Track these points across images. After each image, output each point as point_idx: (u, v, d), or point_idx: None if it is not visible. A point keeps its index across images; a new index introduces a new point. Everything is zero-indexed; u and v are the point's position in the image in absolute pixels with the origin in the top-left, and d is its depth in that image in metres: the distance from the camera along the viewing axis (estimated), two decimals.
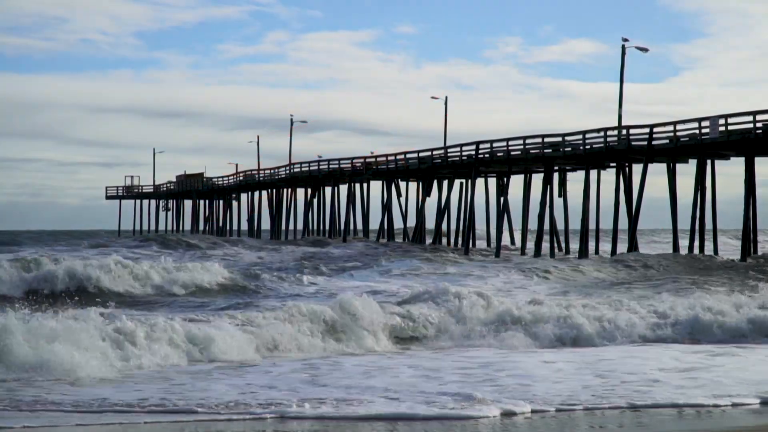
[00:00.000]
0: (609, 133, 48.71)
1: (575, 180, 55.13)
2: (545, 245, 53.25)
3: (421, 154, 62.80)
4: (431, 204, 63.96)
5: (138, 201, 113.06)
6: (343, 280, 35.78)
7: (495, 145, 55.90)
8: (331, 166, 73.52)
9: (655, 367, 16.22)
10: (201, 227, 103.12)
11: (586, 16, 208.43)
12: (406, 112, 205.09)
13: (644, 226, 57.91)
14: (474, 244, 59.60)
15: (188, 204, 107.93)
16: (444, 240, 63.84)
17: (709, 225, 46.08)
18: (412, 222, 67.06)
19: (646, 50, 52.57)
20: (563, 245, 55.70)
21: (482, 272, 39.40)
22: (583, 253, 49.47)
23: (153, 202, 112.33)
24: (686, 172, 47.96)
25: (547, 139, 51.99)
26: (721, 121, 42.90)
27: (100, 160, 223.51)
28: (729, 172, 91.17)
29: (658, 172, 48.12)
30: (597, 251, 51.27)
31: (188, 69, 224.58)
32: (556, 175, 53.59)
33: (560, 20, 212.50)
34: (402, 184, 68.46)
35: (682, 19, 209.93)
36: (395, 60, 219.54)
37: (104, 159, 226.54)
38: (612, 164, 50.12)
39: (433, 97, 71.04)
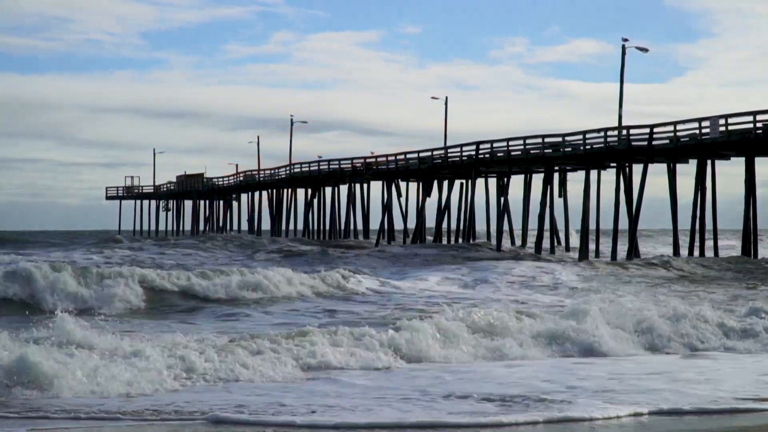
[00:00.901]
0: (609, 133, 48.70)
1: (575, 180, 55.24)
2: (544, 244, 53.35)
3: (421, 155, 62.80)
4: (431, 204, 64.06)
5: (138, 201, 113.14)
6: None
7: (495, 145, 55.90)
8: (331, 167, 73.53)
9: None
10: (201, 227, 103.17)
11: (592, 16, 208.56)
12: (409, 113, 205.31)
13: (644, 227, 57.95)
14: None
15: (188, 204, 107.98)
16: (444, 240, 63.82)
17: (709, 225, 46.12)
18: (412, 222, 67.14)
19: (646, 50, 52.55)
20: (563, 244, 55.85)
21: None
22: (583, 253, 49.47)
23: (153, 202, 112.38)
24: (686, 172, 48.05)
25: (547, 140, 51.99)
26: (722, 121, 42.91)
27: (103, 160, 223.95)
28: (729, 172, 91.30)
29: (658, 172, 48.20)
30: (597, 253, 51.30)
31: (191, 69, 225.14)
32: (556, 176, 53.65)
33: (566, 20, 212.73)
34: (402, 185, 68.49)
35: (688, 19, 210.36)
36: (399, 60, 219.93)
37: (106, 159, 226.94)
38: (612, 164, 50.11)
39: (433, 98, 71.03)
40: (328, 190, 76.74)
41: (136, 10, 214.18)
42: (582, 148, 49.59)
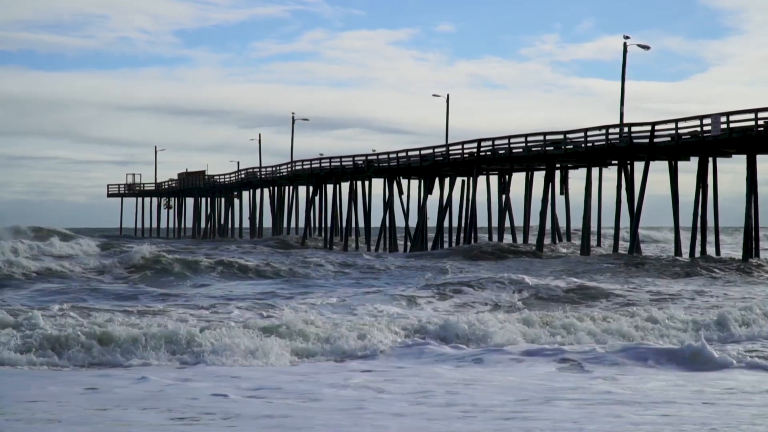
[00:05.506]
0: (611, 130, 48.70)
1: (577, 177, 55.27)
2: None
3: (423, 152, 62.77)
4: (433, 202, 64.05)
5: (140, 199, 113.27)
6: None
7: (497, 142, 55.87)
8: (333, 164, 73.55)
9: None
10: (203, 225, 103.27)
11: (625, 12, 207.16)
12: (434, 111, 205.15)
13: (645, 225, 57.96)
14: (476, 243, 59.59)
15: (190, 202, 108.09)
16: (446, 238, 63.77)
17: (710, 223, 46.12)
18: (413, 220, 67.10)
19: (647, 48, 52.53)
20: (564, 242, 55.89)
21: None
22: (585, 250, 49.51)
23: (155, 200, 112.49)
24: (688, 169, 48.03)
25: (548, 137, 51.98)
26: (723, 119, 42.89)
27: (115, 158, 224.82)
28: (731, 170, 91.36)
29: (659, 169, 48.19)
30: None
31: (219, 67, 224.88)
32: (557, 173, 53.66)
33: (599, 16, 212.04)
34: (404, 182, 68.48)
35: (719, 16, 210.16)
36: (430, 59, 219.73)
37: (119, 157, 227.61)
38: (614, 162, 50.14)
39: (434, 95, 71.04)
40: (330, 187, 76.83)
41: (174, 8, 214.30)
42: (583, 145, 49.58)
